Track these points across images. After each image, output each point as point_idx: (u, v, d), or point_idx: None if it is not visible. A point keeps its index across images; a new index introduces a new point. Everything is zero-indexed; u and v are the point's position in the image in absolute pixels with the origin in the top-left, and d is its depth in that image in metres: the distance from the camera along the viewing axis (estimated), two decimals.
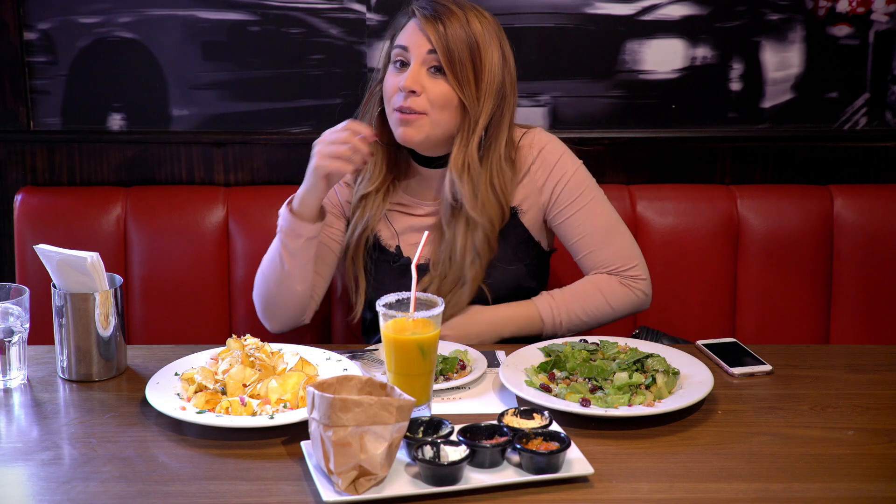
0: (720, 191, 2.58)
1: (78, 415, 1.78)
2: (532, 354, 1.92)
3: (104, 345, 1.89)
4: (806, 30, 2.61)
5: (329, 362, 1.89)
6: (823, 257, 2.54)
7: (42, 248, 1.88)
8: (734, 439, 1.67)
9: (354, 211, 2.17)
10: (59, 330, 1.89)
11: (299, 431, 1.65)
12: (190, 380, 1.80)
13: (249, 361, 1.79)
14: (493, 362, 1.97)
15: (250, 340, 1.85)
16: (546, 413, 1.65)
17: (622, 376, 1.77)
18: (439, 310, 1.69)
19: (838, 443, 1.66)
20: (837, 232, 2.54)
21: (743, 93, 2.64)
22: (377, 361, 1.94)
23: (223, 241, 2.52)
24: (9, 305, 1.86)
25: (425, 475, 1.50)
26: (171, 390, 1.78)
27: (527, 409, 1.66)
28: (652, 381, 1.77)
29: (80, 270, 1.87)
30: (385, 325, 1.69)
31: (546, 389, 1.78)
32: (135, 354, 2.00)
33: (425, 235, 1.84)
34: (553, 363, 1.86)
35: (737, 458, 1.61)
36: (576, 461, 1.55)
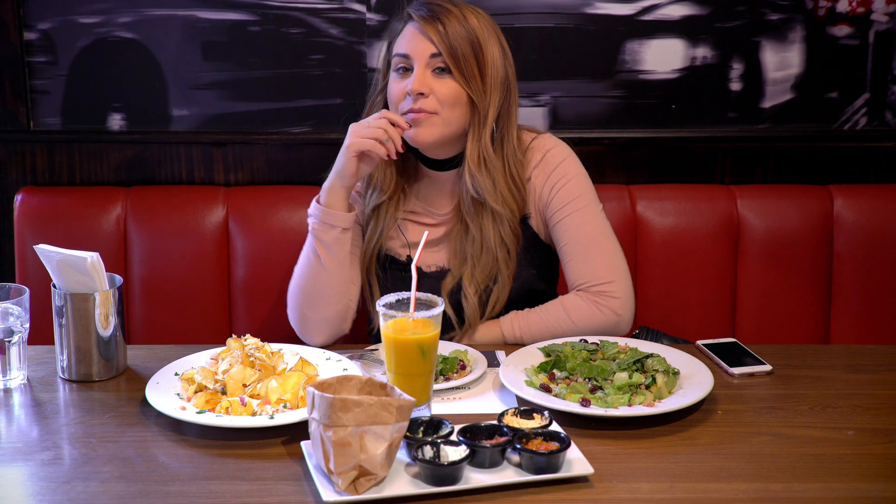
0: (720, 191, 2.58)
1: (78, 415, 1.78)
2: (532, 354, 1.92)
3: (104, 345, 1.89)
4: (806, 30, 2.61)
5: (329, 362, 1.89)
6: (823, 257, 2.54)
7: (42, 248, 1.88)
8: (734, 439, 1.67)
9: (368, 223, 2.17)
10: (59, 330, 1.89)
11: (299, 431, 1.65)
12: (190, 380, 1.80)
13: (249, 361, 1.79)
14: (493, 362, 1.96)
15: (250, 340, 1.85)
16: (546, 413, 1.65)
17: (622, 376, 1.77)
18: (439, 310, 1.69)
19: (838, 443, 1.66)
20: (837, 232, 2.54)
21: (743, 93, 2.64)
22: (377, 361, 1.94)
23: (223, 241, 2.52)
24: (9, 305, 1.86)
25: (425, 475, 1.51)
26: (171, 390, 1.78)
27: (527, 409, 1.66)
28: (652, 381, 1.77)
29: (80, 270, 1.87)
30: (385, 325, 1.69)
31: (546, 389, 1.78)
32: (135, 354, 2.00)
33: (425, 235, 1.84)
34: (553, 363, 1.86)
35: (737, 458, 1.61)
36: (576, 461, 1.55)
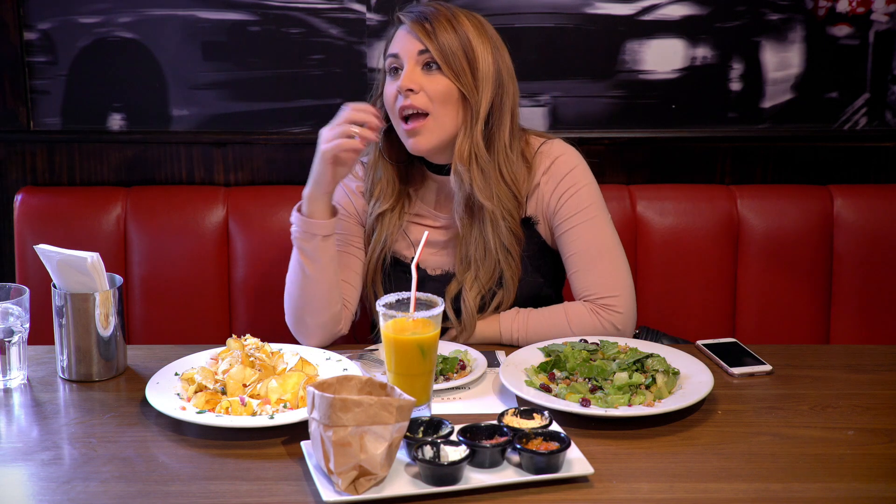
0: (720, 191, 2.58)
1: (78, 415, 1.78)
2: (532, 354, 1.92)
3: (104, 345, 1.89)
4: (806, 30, 2.61)
5: (329, 362, 1.89)
6: (823, 257, 2.54)
7: (42, 248, 1.88)
8: (734, 439, 1.67)
9: (372, 230, 2.16)
10: (59, 330, 1.89)
11: (299, 431, 1.65)
12: (190, 380, 1.80)
13: (249, 361, 1.79)
14: (493, 362, 1.96)
15: (250, 340, 1.85)
16: (546, 413, 1.65)
17: (622, 376, 1.77)
18: (439, 310, 1.69)
19: (838, 443, 1.66)
20: (837, 232, 2.54)
21: (743, 93, 2.64)
22: (377, 361, 1.94)
23: (223, 241, 2.52)
24: (9, 305, 1.86)
25: (425, 475, 1.50)
26: (171, 390, 1.78)
27: (527, 409, 1.65)
28: (652, 381, 1.77)
29: (81, 270, 1.87)
30: (385, 325, 1.69)
31: (546, 389, 1.78)
32: (135, 354, 2.00)
33: (425, 235, 1.84)
34: (553, 363, 1.86)
35: (737, 458, 1.61)
36: (576, 461, 1.55)
